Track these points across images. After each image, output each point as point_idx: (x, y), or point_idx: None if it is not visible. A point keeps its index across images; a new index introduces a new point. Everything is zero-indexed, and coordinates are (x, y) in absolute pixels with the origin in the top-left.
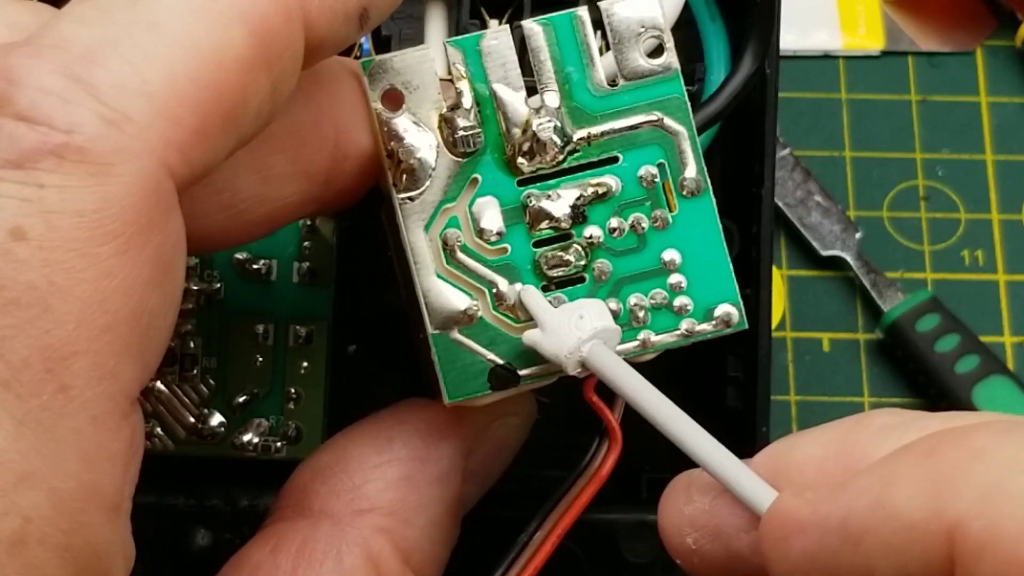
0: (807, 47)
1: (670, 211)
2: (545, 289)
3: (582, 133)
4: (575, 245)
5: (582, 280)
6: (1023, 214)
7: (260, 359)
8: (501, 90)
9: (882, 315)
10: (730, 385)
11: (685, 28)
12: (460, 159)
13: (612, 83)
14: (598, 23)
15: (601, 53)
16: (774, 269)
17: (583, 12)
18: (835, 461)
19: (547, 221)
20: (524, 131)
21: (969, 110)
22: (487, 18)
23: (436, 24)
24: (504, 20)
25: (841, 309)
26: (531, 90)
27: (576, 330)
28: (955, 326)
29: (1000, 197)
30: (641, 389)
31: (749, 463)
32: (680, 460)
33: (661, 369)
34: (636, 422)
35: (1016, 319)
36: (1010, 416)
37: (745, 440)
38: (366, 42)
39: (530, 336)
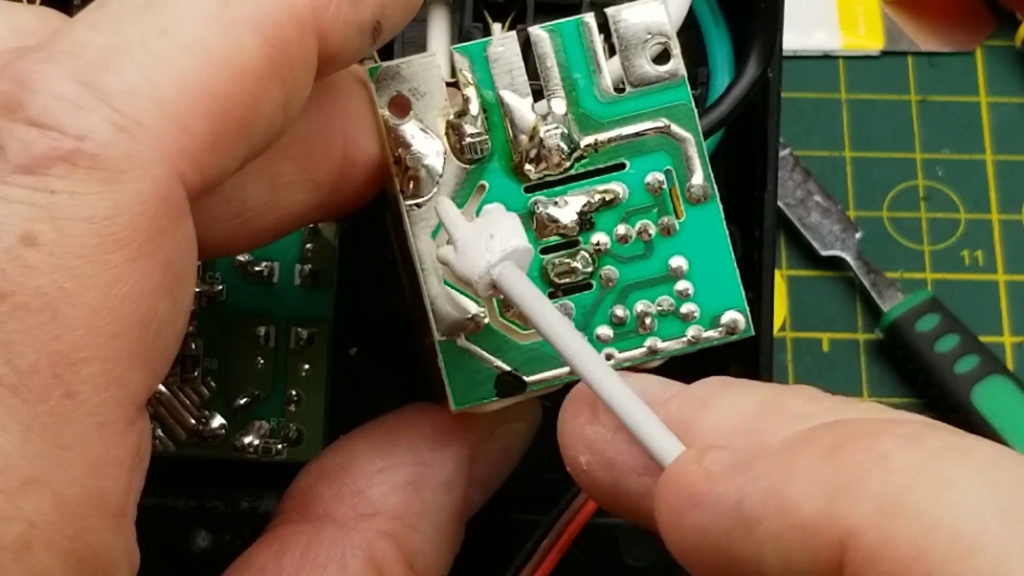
0: (807, 47)
1: (677, 218)
2: (552, 296)
3: (589, 140)
4: (582, 252)
5: (589, 287)
6: (1023, 214)
7: (261, 361)
8: (508, 96)
9: (882, 315)
10: None
11: (689, 32)
12: (467, 166)
13: (618, 89)
14: (603, 27)
15: (607, 56)
16: (776, 273)
17: (590, 19)
18: (744, 438)
19: (554, 228)
20: (531, 138)
21: (969, 110)
22: (490, 21)
23: (439, 27)
24: (507, 24)
25: (841, 309)
26: (537, 93)
27: (486, 252)
28: (955, 326)
29: (1000, 197)
30: (550, 318)
31: (661, 402)
32: None
33: (663, 373)
34: None
35: (1016, 319)
36: (927, 420)
37: None
38: None
39: (443, 253)
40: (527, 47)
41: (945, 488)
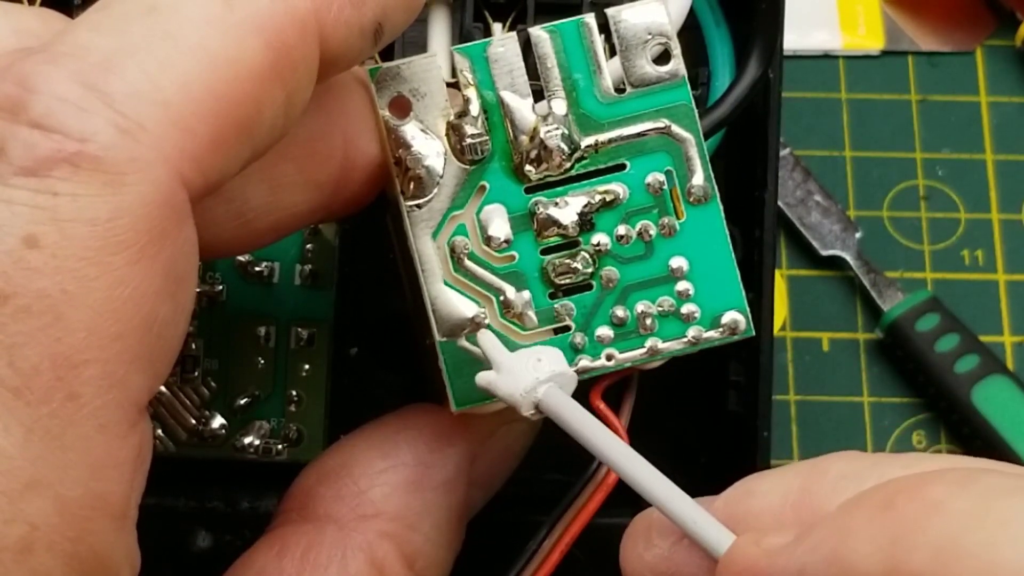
0: (807, 47)
1: (677, 218)
2: (552, 296)
3: (589, 140)
4: (582, 252)
5: (589, 287)
6: (1023, 214)
7: (262, 361)
8: (508, 97)
9: (882, 315)
10: (732, 389)
11: (689, 32)
12: (468, 166)
13: (619, 89)
14: (604, 28)
15: (607, 57)
16: (775, 273)
17: (590, 19)
18: (793, 511)
19: (554, 228)
20: (531, 138)
21: (969, 110)
22: (491, 22)
23: (440, 27)
24: (508, 24)
25: (841, 309)
26: (537, 94)
27: (534, 371)
28: (955, 326)
29: (1000, 197)
30: (597, 432)
31: (708, 508)
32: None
33: (663, 373)
34: (639, 427)
35: (1016, 319)
36: (969, 463)
37: (746, 445)
38: None
39: (484, 377)
40: (527, 48)
41: (1001, 526)
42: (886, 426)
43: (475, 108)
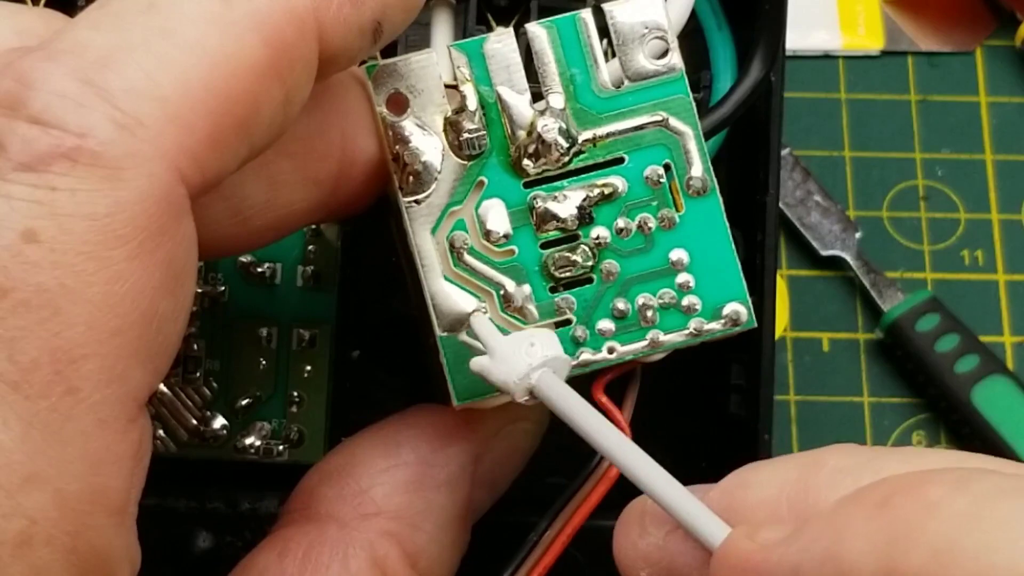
0: (807, 47)
1: (677, 211)
2: (553, 290)
3: (587, 134)
4: (582, 246)
5: (590, 281)
6: (1023, 214)
7: (263, 362)
8: (505, 92)
9: (882, 315)
10: (733, 392)
11: (692, 36)
12: (466, 162)
13: (617, 84)
14: (603, 29)
15: (608, 59)
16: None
17: (586, 14)
18: (788, 504)
19: (554, 222)
20: (529, 133)
21: (969, 110)
22: (494, 25)
23: (443, 30)
24: (511, 27)
25: (841, 309)
26: (539, 96)
27: (527, 357)
28: (955, 326)
29: (1000, 197)
30: (590, 419)
31: (703, 498)
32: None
33: (665, 376)
34: (640, 428)
35: (1016, 319)
36: (966, 459)
37: (748, 447)
38: None
39: (478, 363)
40: (528, 48)
41: (998, 528)
42: (886, 426)
43: (472, 103)
